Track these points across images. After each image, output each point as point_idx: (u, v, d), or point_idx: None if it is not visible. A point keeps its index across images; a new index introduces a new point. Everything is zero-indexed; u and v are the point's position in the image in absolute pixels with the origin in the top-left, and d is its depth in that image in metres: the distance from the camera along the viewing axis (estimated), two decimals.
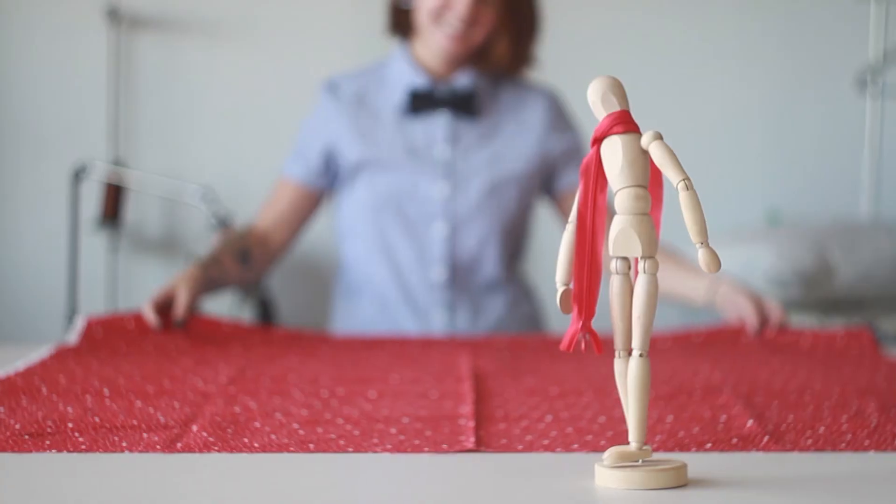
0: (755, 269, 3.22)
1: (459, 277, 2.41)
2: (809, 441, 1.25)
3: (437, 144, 2.40)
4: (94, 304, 3.80)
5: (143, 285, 3.91)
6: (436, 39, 2.35)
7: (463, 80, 2.42)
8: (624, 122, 1.02)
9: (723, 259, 1.02)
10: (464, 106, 2.40)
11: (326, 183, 2.48)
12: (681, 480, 1.03)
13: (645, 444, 1.04)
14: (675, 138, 1.24)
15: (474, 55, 2.43)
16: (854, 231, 3.46)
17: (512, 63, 2.44)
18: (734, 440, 1.25)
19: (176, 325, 2.02)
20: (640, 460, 1.04)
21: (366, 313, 2.45)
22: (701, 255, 0.96)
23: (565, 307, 1.07)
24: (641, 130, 1.02)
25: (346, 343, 2.13)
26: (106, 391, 1.50)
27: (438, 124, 2.41)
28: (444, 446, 1.22)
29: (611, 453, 1.03)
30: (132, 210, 3.91)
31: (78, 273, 3.67)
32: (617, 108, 1.03)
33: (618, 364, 1.04)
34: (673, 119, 3.97)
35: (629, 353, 1.03)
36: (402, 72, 2.43)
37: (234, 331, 2.12)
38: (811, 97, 4.11)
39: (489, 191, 2.40)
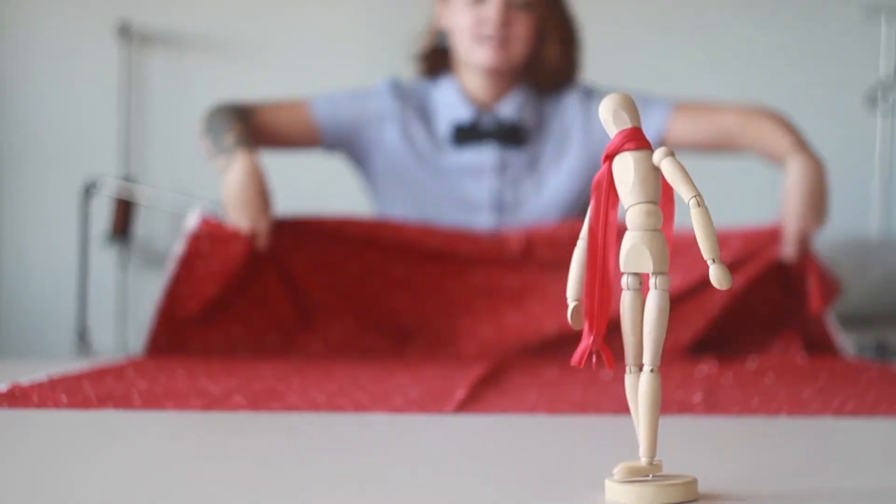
0: None
1: None
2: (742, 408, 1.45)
3: (483, 175, 2.39)
4: (103, 319, 3.81)
5: (152, 300, 3.91)
6: (478, 57, 2.33)
7: (507, 109, 2.40)
8: (635, 139, 1.02)
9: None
10: (510, 136, 2.38)
11: (332, 144, 2.46)
12: (691, 495, 1.03)
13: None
14: (684, 154, 1.24)
15: (520, 74, 2.42)
16: (864, 248, 3.46)
17: (562, 68, 2.42)
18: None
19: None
20: (651, 475, 1.04)
21: None
22: (712, 272, 0.96)
23: (576, 322, 1.07)
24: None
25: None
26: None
27: (485, 155, 2.39)
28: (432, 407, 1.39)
29: (621, 468, 1.03)
30: (142, 225, 3.92)
31: (87, 288, 3.68)
32: (629, 125, 1.03)
33: (628, 379, 1.04)
34: None
35: (640, 369, 1.03)
36: (449, 102, 2.41)
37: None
38: (821, 114, 4.11)
39: (535, 221, 2.38)
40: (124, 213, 3.75)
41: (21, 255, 4.03)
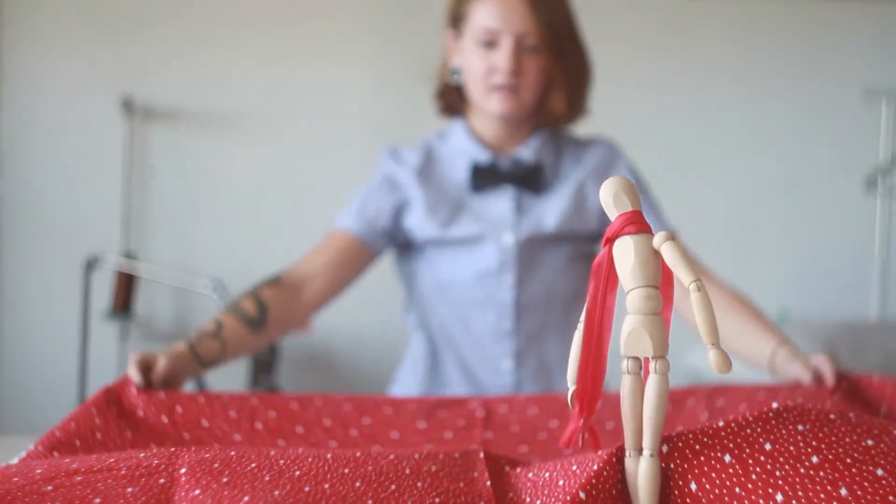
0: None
1: (525, 352, 2.36)
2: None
3: (503, 221, 2.31)
4: None
5: None
6: (490, 104, 2.28)
7: (525, 152, 2.34)
8: (636, 223, 1.03)
9: (732, 358, 1.03)
10: (529, 180, 2.32)
11: (382, 245, 2.32)
12: None
13: None
14: (685, 238, 1.25)
15: (532, 119, 2.37)
16: (863, 330, 3.46)
17: (569, 113, 2.36)
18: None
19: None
20: None
21: (447, 372, 2.37)
22: (711, 357, 0.96)
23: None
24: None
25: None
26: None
27: (504, 200, 2.32)
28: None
29: None
30: (143, 301, 3.92)
31: (88, 363, 3.67)
32: (629, 209, 1.04)
33: (628, 464, 1.04)
34: (683, 219, 3.99)
35: (639, 453, 1.03)
36: (464, 148, 2.36)
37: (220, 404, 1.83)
38: (821, 196, 4.13)
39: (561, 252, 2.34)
40: (125, 289, 3.76)
41: (22, 328, 4.04)
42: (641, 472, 1.02)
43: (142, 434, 1.63)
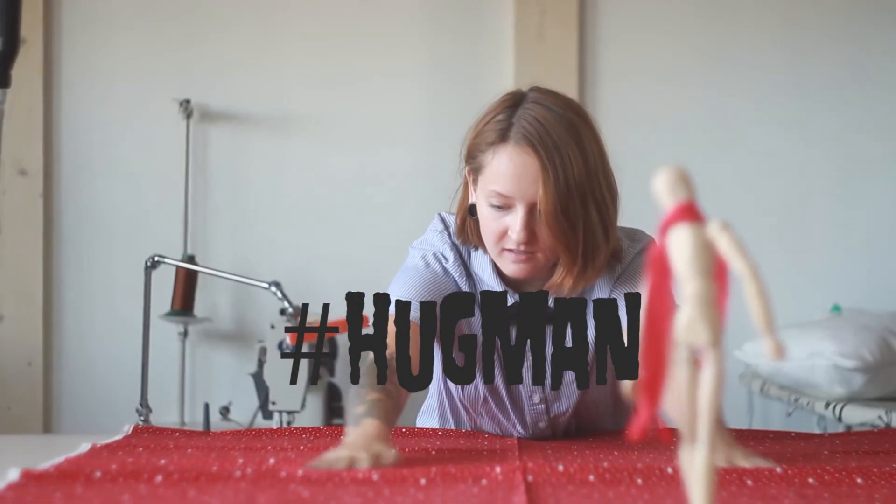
0: (819, 359, 3.19)
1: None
2: None
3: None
4: (166, 394, 3.84)
5: (213, 375, 3.96)
6: (504, 265, 2.12)
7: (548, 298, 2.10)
8: (691, 213, 1.03)
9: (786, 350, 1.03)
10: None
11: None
12: None
13: None
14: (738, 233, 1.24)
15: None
16: None
17: (587, 273, 2.12)
18: None
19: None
20: None
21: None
22: (767, 344, 0.96)
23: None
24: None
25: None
26: (159, 478, 1.47)
27: None
28: None
29: None
30: (202, 300, 3.95)
31: (148, 362, 3.71)
32: (685, 199, 1.04)
33: (684, 454, 1.04)
34: (735, 215, 3.98)
35: (695, 443, 1.03)
36: (489, 286, 2.20)
37: None
38: (874, 192, 4.10)
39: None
40: (186, 290, 3.80)
41: (84, 329, 4.07)
42: (697, 461, 1.02)
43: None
